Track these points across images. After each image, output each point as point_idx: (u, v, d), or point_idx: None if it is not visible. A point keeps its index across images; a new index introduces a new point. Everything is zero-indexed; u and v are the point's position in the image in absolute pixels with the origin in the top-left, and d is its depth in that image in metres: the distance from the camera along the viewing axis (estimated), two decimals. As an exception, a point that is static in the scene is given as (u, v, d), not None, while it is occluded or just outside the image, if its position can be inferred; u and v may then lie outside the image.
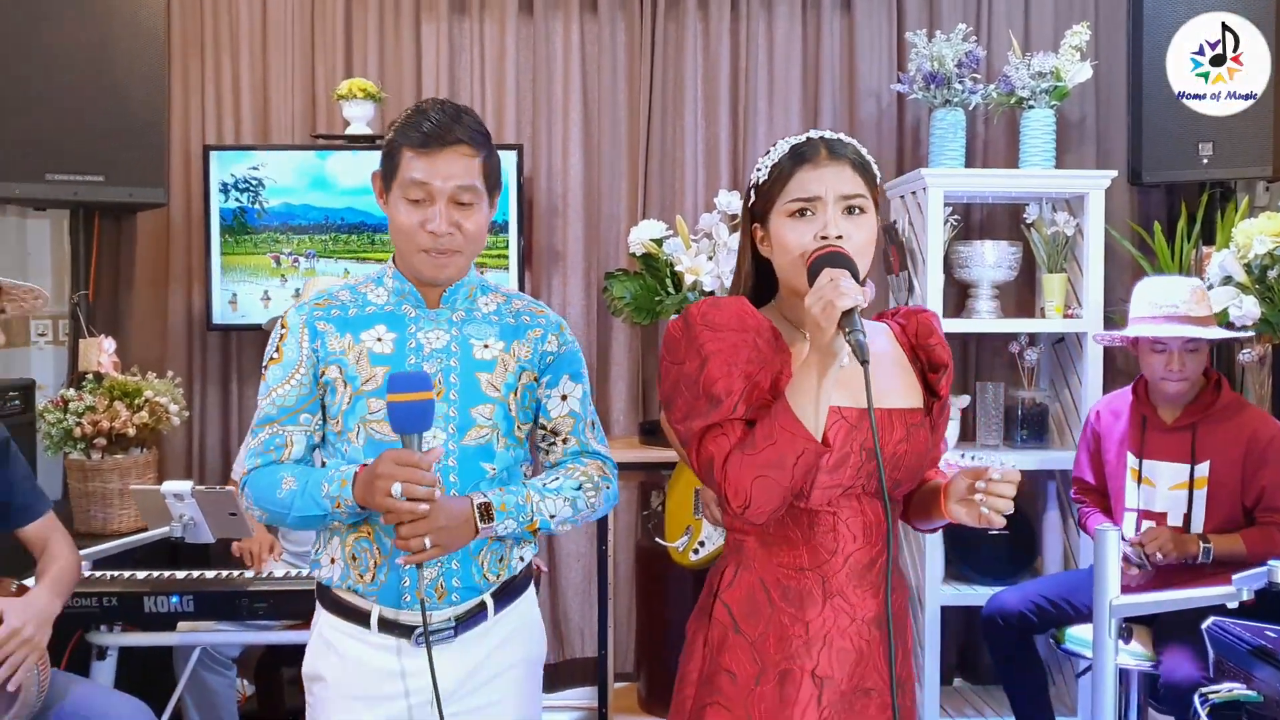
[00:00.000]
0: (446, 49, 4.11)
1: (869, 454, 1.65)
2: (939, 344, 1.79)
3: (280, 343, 1.91)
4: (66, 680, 2.42)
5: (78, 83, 3.49)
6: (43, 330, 4.13)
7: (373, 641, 1.90)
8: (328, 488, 1.83)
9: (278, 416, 1.91)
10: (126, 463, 3.50)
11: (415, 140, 1.85)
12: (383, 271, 1.99)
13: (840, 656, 1.68)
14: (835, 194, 1.65)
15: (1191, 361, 3.03)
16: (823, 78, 4.15)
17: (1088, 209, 3.71)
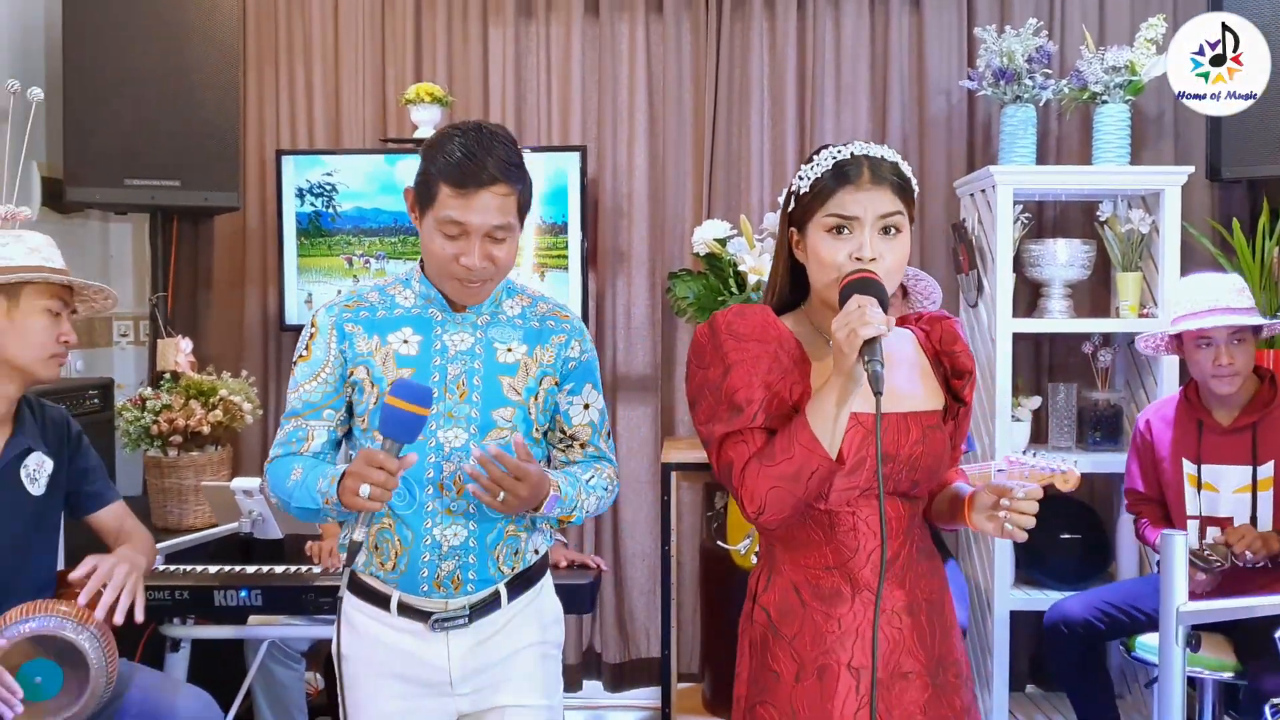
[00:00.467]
0: (513, 52, 4.15)
1: (885, 457, 1.70)
2: (962, 351, 1.84)
3: (310, 341, 1.97)
4: (134, 670, 2.50)
5: (155, 91, 3.59)
6: (124, 331, 4.26)
7: (393, 624, 1.99)
8: (321, 484, 1.88)
9: (302, 411, 1.98)
10: (201, 460, 3.59)
11: (453, 178, 1.86)
12: (410, 274, 2.02)
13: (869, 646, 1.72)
14: (873, 215, 1.67)
15: (1240, 354, 2.94)
16: (891, 75, 4.11)
17: (1163, 206, 3.62)
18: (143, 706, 2.38)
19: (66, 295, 2.44)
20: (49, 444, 2.47)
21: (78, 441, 2.56)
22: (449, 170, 1.87)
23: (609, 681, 4.23)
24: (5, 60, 3.53)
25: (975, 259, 3.80)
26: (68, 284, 2.43)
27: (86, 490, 2.56)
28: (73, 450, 2.54)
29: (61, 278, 2.41)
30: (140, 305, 4.21)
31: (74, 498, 2.55)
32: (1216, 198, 4.04)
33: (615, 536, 4.18)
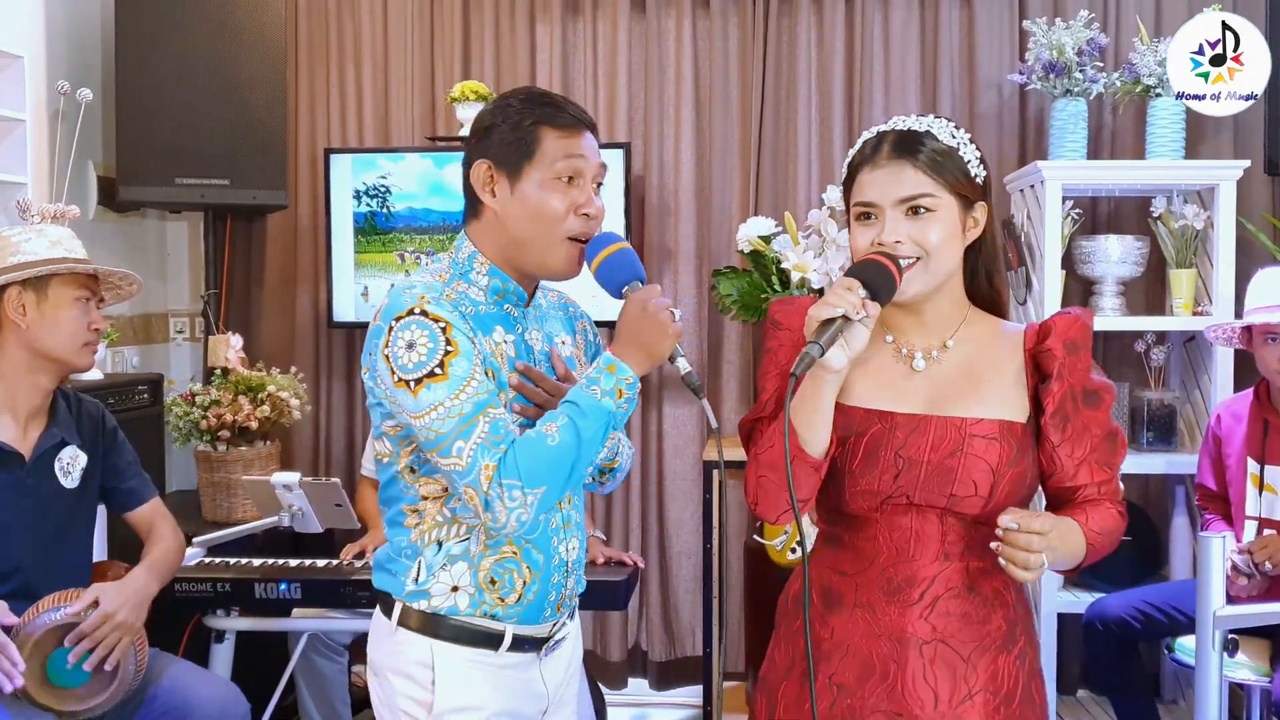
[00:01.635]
0: (560, 49, 4.17)
1: (907, 462, 1.61)
2: (1047, 350, 1.64)
3: (448, 334, 1.64)
4: (165, 661, 2.55)
5: (205, 90, 3.66)
6: (180, 328, 4.36)
7: (498, 662, 1.78)
8: (598, 386, 1.67)
9: (490, 400, 1.66)
10: (250, 454, 3.65)
11: (559, 120, 1.73)
12: (464, 268, 1.78)
13: (860, 670, 1.64)
14: (893, 198, 1.60)
15: None
16: (941, 69, 4.05)
17: (1219, 201, 3.52)
18: (170, 696, 2.43)
19: (93, 285, 2.50)
20: (84, 437, 2.53)
21: (112, 436, 2.62)
22: (554, 113, 1.73)
23: (655, 680, 4.23)
24: (59, 61, 3.62)
25: (1024, 255, 3.74)
26: (93, 273, 2.49)
27: (122, 488, 2.62)
28: (107, 445, 2.60)
29: (86, 267, 2.47)
30: (196, 303, 4.29)
31: (110, 494, 2.61)
32: (1276, 192, 3.92)
33: (661, 535, 4.18)
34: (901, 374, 1.68)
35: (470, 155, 1.78)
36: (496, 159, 1.74)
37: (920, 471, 1.61)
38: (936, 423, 1.62)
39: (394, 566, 1.77)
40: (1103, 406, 1.67)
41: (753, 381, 4.13)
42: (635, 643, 4.25)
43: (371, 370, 1.71)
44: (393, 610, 1.76)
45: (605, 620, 4.19)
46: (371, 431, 1.81)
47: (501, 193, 1.74)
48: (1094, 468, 1.66)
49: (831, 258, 3.65)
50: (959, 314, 1.69)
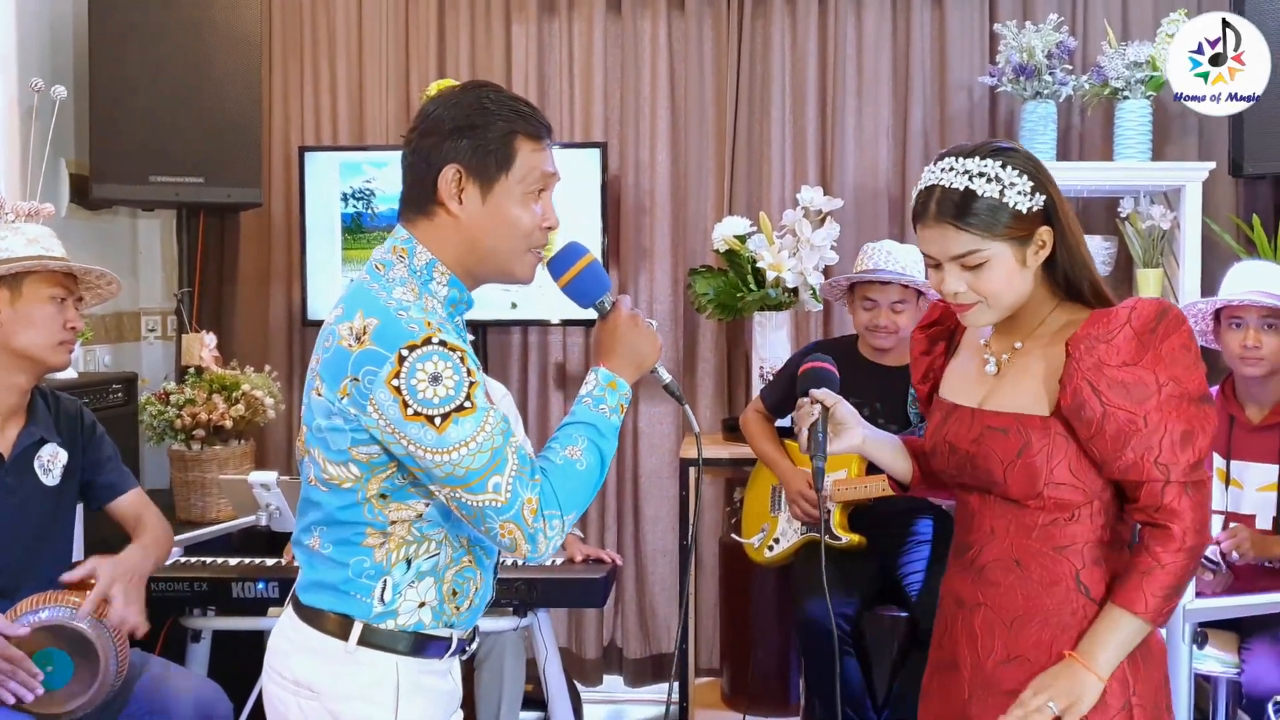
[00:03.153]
0: (535, 48, 4.18)
1: (950, 447, 1.82)
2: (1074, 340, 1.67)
3: (466, 364, 1.60)
4: (145, 660, 2.54)
5: (179, 88, 3.65)
6: (152, 326, 4.33)
7: (439, 669, 1.77)
8: (605, 404, 1.72)
9: (510, 429, 1.64)
10: (225, 453, 3.64)
11: (533, 131, 1.71)
12: (424, 278, 1.70)
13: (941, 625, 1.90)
14: (947, 255, 1.72)
15: (1270, 340, 2.90)
16: (913, 71, 4.09)
17: (1185, 202, 3.59)
18: (153, 696, 2.42)
19: (70, 284, 2.49)
20: (63, 435, 2.52)
21: (91, 431, 2.61)
22: (525, 123, 1.70)
23: (630, 677, 4.25)
24: (32, 59, 3.58)
25: (995, 255, 3.78)
26: (69, 271, 2.47)
27: (102, 480, 2.61)
28: (86, 440, 2.59)
29: (62, 265, 2.45)
30: (168, 301, 4.27)
31: (90, 488, 2.60)
32: (1241, 194, 4.00)
33: (636, 532, 4.20)
34: (980, 372, 1.85)
35: (430, 156, 1.69)
36: (468, 166, 1.67)
37: (957, 458, 1.81)
38: (967, 414, 1.81)
39: (351, 588, 1.68)
40: (1148, 397, 1.63)
41: (728, 379, 4.17)
42: (611, 640, 4.27)
43: (357, 397, 1.59)
44: (348, 631, 1.68)
45: (580, 618, 4.21)
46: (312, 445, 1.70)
47: (470, 201, 1.68)
48: (1161, 469, 1.64)
49: (806, 257, 3.69)
50: (1038, 317, 1.79)
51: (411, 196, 1.73)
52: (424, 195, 1.70)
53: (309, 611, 1.71)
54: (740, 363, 4.15)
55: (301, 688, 1.70)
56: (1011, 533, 1.75)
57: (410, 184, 1.73)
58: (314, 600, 1.71)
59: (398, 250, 1.71)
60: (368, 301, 1.63)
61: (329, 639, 1.69)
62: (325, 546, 1.70)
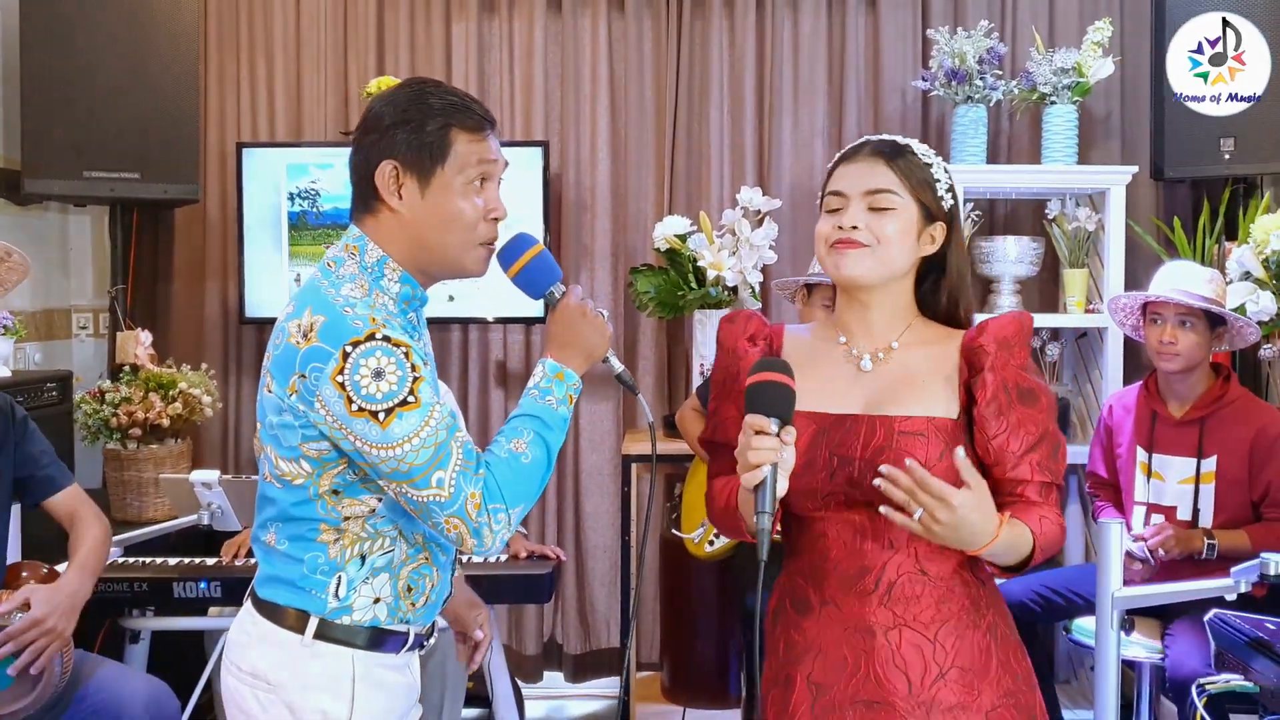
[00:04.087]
0: (476, 47, 4.19)
1: (841, 460, 1.68)
2: (979, 347, 1.70)
3: (411, 359, 1.61)
4: (91, 662, 2.52)
5: (115, 82, 3.60)
6: (84, 324, 4.26)
7: (396, 663, 1.78)
8: (552, 395, 1.71)
9: (456, 424, 1.65)
10: (161, 452, 3.60)
11: (470, 122, 1.70)
12: (376, 274, 1.71)
13: (834, 665, 1.68)
14: (860, 189, 1.70)
15: (1185, 337, 3.00)
16: (848, 74, 4.17)
17: (1109, 204, 3.71)
18: (100, 697, 2.40)
19: None
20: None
21: (23, 427, 2.56)
22: (461, 114, 1.70)
23: (570, 672, 4.28)
24: (-38, 51, 3.53)
25: (928, 255, 3.87)
26: None
27: (38, 475, 2.57)
28: (19, 436, 2.54)
29: None
30: (100, 298, 4.21)
31: (26, 484, 2.56)
32: (1162, 196, 4.14)
33: (577, 529, 4.23)
34: (849, 375, 1.75)
35: (369, 153, 1.70)
36: (404, 161, 1.68)
37: (854, 468, 1.67)
38: (868, 421, 1.69)
39: (307, 583, 1.69)
40: (1039, 406, 1.69)
41: (668, 376, 4.21)
42: (551, 636, 4.30)
43: (305, 394, 1.61)
44: (305, 625, 1.69)
45: (521, 614, 4.23)
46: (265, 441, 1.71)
47: (410, 195, 1.69)
48: (1035, 467, 1.68)
49: (745, 256, 3.75)
50: (904, 320, 1.77)
51: (357, 194, 1.74)
52: (367, 192, 1.71)
53: (266, 606, 1.73)
54: (680, 360, 4.21)
55: (259, 680, 1.71)
56: (911, 541, 1.66)
57: (355, 182, 1.74)
58: (271, 595, 1.73)
59: (350, 248, 1.73)
60: (316, 299, 1.65)
61: (286, 632, 1.70)
62: (281, 542, 1.71)
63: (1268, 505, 2.98)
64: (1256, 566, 2.12)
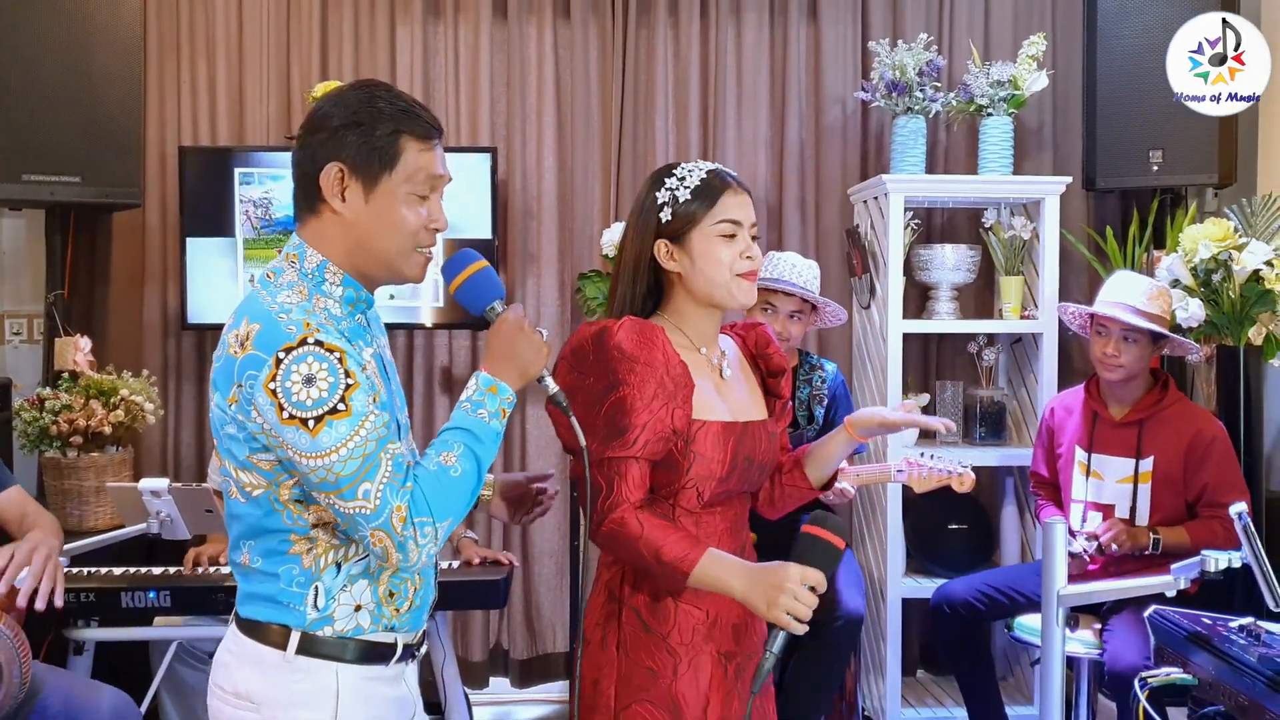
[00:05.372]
0: (421, 52, 4.18)
1: (749, 462, 1.91)
2: (776, 352, 2.06)
3: (345, 365, 1.59)
4: (48, 672, 2.48)
5: (54, 84, 3.53)
6: (17, 329, 4.17)
7: (387, 675, 1.76)
8: (485, 409, 1.68)
9: (389, 435, 1.62)
10: (103, 461, 3.55)
11: (419, 130, 1.69)
12: (316, 279, 1.70)
13: (733, 632, 1.91)
14: (749, 220, 1.91)
15: (1128, 351, 3.14)
16: (789, 84, 4.25)
17: (1044, 214, 3.83)
18: (61, 708, 2.36)
19: None
20: None
21: None
22: (412, 122, 1.69)
23: (516, 678, 4.28)
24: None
25: (868, 263, 3.96)
26: None
27: None
28: None
29: None
30: (34, 303, 4.11)
31: None
32: (1093, 207, 4.28)
33: (523, 533, 4.23)
34: (717, 384, 1.94)
35: (316, 153, 1.67)
36: (351, 164, 1.66)
37: (754, 469, 1.93)
38: (756, 427, 1.94)
39: (285, 597, 1.67)
40: None
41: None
42: (496, 642, 4.30)
43: (243, 403, 1.60)
44: (287, 640, 1.67)
45: (466, 620, 4.22)
46: (222, 455, 1.68)
47: (353, 199, 1.67)
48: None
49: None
50: None
51: (300, 193, 1.72)
52: (310, 193, 1.70)
53: (248, 624, 1.71)
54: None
55: (242, 699, 1.69)
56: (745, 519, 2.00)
57: (298, 180, 1.72)
58: (251, 613, 1.71)
59: (289, 256, 1.72)
60: (253, 308, 1.64)
61: (269, 649, 1.68)
62: (255, 560, 1.69)
63: (1203, 505, 3.11)
64: (1197, 564, 2.22)
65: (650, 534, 1.77)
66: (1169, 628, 2.43)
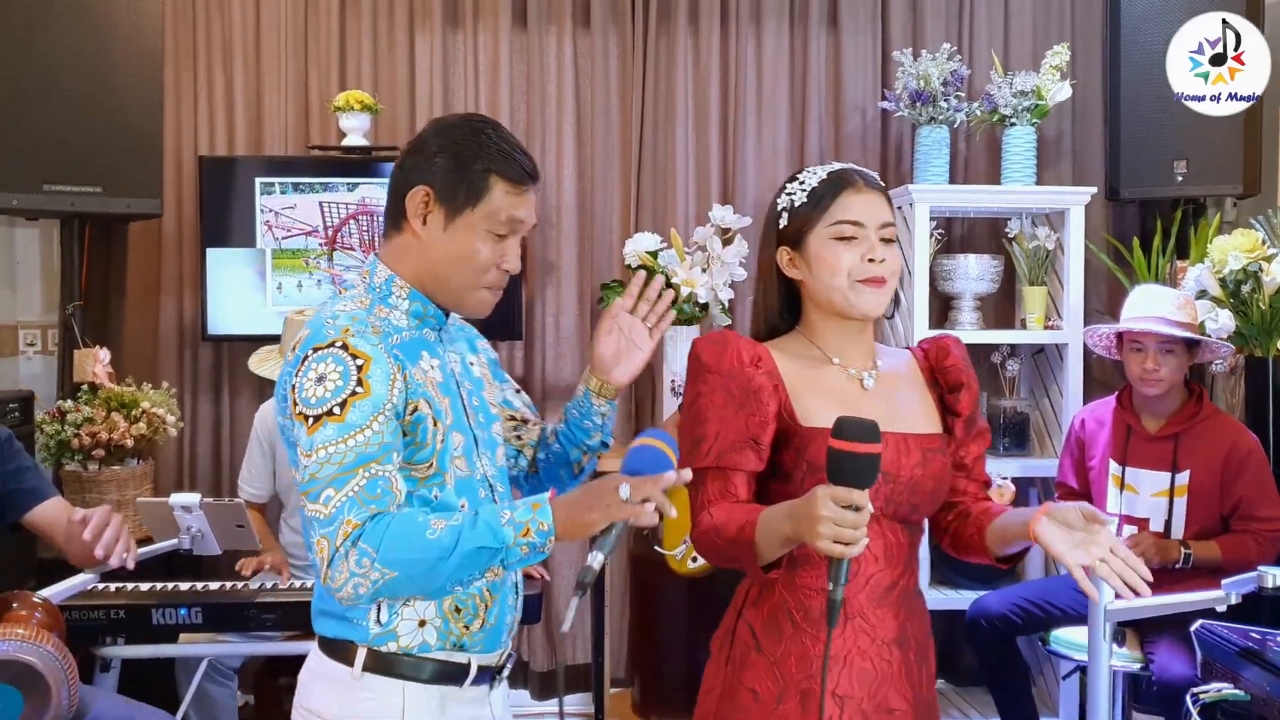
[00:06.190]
0: (440, 61, 4.15)
1: (885, 477, 1.69)
2: (953, 365, 1.85)
3: (361, 374, 1.60)
4: (92, 693, 2.45)
5: (75, 94, 3.49)
6: (31, 340, 4.12)
7: (464, 697, 1.73)
8: (510, 514, 1.58)
9: (377, 455, 1.59)
10: (124, 474, 3.51)
11: (512, 174, 1.71)
12: (384, 291, 1.73)
13: (860, 676, 1.72)
14: (876, 221, 1.75)
15: (1167, 364, 3.14)
16: (810, 94, 4.24)
17: (1069, 224, 3.82)
18: (114, 729, 2.33)
19: None
20: None
21: (9, 443, 2.49)
22: (508, 165, 1.70)
23: (536, 690, 4.26)
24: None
25: (893, 273, 3.95)
26: None
27: (24, 488, 2.48)
28: (4, 454, 2.47)
29: None
30: (48, 313, 4.08)
31: (10, 499, 2.47)
32: (1111, 216, 4.28)
33: (541, 545, 4.19)
34: (855, 393, 1.78)
35: (409, 174, 1.71)
36: (438, 191, 1.70)
37: (896, 486, 1.72)
38: (897, 439, 1.73)
39: (350, 613, 1.67)
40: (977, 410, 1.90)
41: (636, 392, 4.21)
42: (516, 653, 4.25)
43: (281, 404, 1.65)
44: (354, 657, 1.66)
45: (486, 632, 4.19)
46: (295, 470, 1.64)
47: (433, 224, 1.70)
48: (983, 470, 1.90)
49: (717, 273, 3.78)
50: (872, 339, 1.87)
51: (388, 210, 1.76)
52: (396, 211, 1.73)
53: (322, 640, 1.72)
54: (647, 376, 4.21)
55: (313, 716, 1.69)
56: (909, 558, 1.78)
57: (389, 197, 1.76)
58: (321, 629, 1.72)
59: (363, 273, 1.77)
60: (314, 317, 1.70)
61: (340, 666, 1.68)
62: None
63: (1237, 518, 3.11)
64: (1253, 580, 2.21)
65: (718, 519, 1.69)
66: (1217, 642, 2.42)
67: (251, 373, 3.58)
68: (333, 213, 3.87)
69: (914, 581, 1.80)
